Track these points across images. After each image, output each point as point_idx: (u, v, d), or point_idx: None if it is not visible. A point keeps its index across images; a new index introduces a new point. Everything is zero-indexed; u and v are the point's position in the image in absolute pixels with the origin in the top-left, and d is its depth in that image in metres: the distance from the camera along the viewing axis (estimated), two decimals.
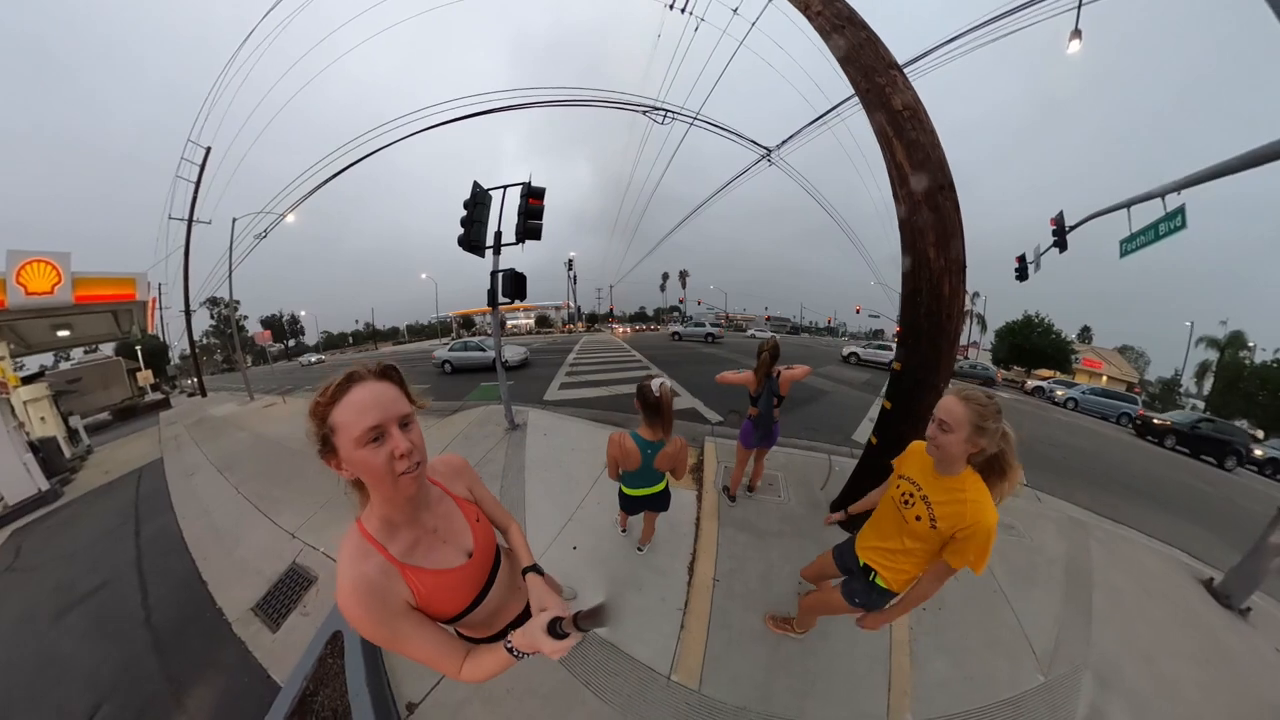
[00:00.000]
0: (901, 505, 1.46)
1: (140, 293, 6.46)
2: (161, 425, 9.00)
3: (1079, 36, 6.57)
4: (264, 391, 13.03)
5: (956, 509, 1.30)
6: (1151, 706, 2.05)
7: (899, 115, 2.63)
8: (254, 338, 11.92)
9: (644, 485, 2.20)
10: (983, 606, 2.55)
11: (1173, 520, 5.01)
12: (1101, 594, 2.80)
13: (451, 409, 6.94)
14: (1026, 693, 2.05)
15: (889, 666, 2.09)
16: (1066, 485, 5.37)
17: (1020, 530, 3.47)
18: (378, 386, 0.80)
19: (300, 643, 2.17)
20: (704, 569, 2.65)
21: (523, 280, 5.03)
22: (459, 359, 12.75)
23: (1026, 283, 8.96)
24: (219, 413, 9.42)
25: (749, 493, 3.56)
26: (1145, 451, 10.49)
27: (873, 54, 2.78)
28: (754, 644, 2.17)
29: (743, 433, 3.14)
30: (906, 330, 2.82)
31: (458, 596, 0.92)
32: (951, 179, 2.63)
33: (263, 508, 3.91)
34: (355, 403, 0.76)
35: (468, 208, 4.89)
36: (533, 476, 3.91)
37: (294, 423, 7.39)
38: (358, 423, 0.75)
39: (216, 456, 5.72)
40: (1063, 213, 7.95)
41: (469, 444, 4.91)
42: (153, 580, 3.12)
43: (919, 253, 2.64)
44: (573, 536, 2.98)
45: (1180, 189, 4.65)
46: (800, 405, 7.91)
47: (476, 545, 0.99)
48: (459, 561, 0.94)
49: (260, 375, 21.14)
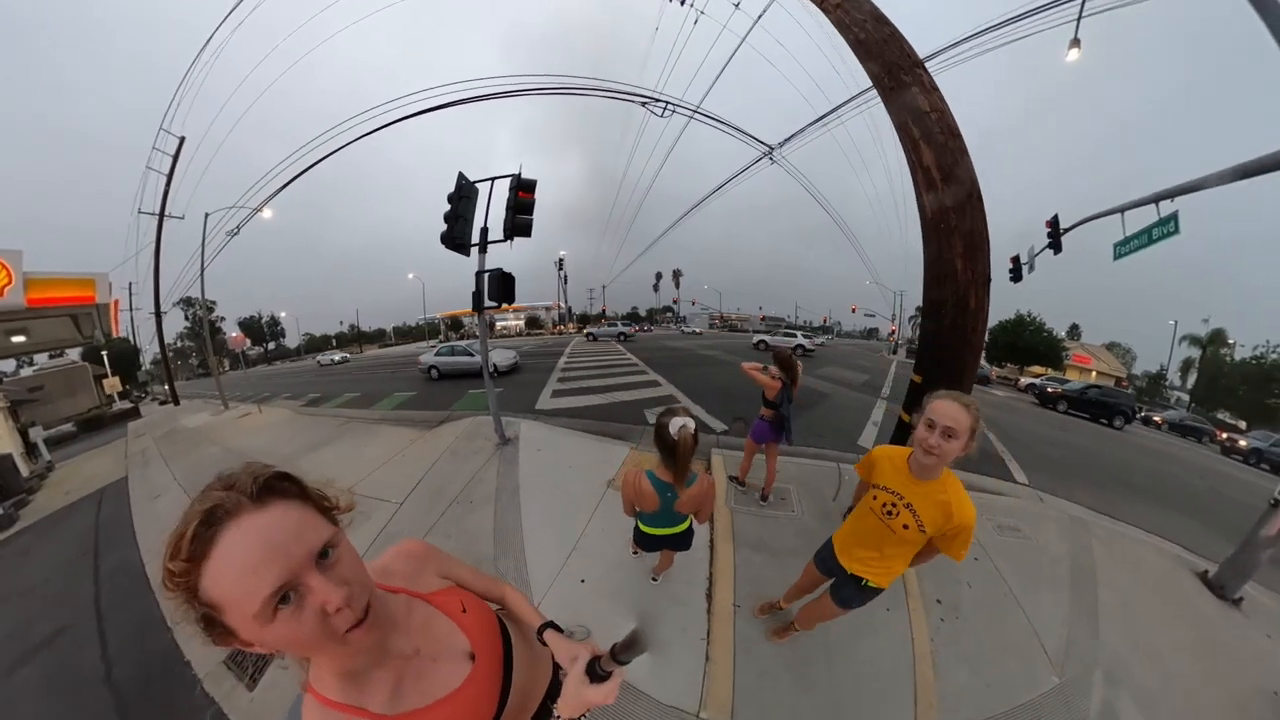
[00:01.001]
0: (884, 516, 1.49)
1: (101, 295, 6.13)
2: (129, 438, 8.64)
3: (1078, 45, 6.73)
4: (240, 400, 12.65)
5: (941, 510, 1.38)
6: (1157, 700, 2.13)
7: (926, 117, 2.53)
8: (228, 341, 11.51)
9: (664, 525, 2.07)
10: (995, 611, 2.60)
11: (1167, 514, 5.24)
12: (1106, 591, 2.87)
13: (438, 419, 6.76)
14: (1043, 695, 2.10)
15: (914, 679, 2.11)
16: (1067, 484, 5.50)
17: (1026, 533, 3.51)
18: (262, 520, 0.52)
19: (282, 701, 2.03)
20: (723, 595, 2.58)
21: (511, 281, 4.70)
22: (446, 364, 12.48)
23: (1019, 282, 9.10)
24: (191, 424, 9.08)
25: (762, 502, 3.60)
26: (1048, 419, 12.18)
27: (897, 51, 2.67)
28: (781, 669, 2.14)
29: (756, 431, 3.38)
30: (928, 343, 2.79)
31: (480, 709, 0.75)
32: (979, 187, 2.56)
33: None
34: (234, 561, 0.49)
35: (452, 202, 4.63)
36: (529, 500, 3.72)
37: (270, 435, 7.11)
38: (250, 592, 0.49)
39: (185, 475, 5.41)
40: (1058, 215, 8.07)
41: (456, 461, 4.73)
42: (114, 627, 2.85)
43: (946, 263, 2.58)
44: (579, 568, 2.83)
45: (1173, 196, 4.79)
46: (801, 410, 7.82)
47: (474, 640, 0.79)
48: (463, 673, 0.74)
49: (234, 381, 20.53)
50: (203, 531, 0.49)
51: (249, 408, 10.03)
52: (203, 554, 0.49)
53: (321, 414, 8.76)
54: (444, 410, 7.66)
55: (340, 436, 6.34)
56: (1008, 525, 3.56)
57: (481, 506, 3.66)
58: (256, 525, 0.52)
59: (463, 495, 3.87)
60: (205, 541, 0.49)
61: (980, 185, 2.69)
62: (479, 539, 3.21)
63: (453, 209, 4.64)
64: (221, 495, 0.52)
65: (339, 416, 7.93)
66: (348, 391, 11.94)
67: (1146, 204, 5.18)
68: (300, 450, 5.85)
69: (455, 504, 3.74)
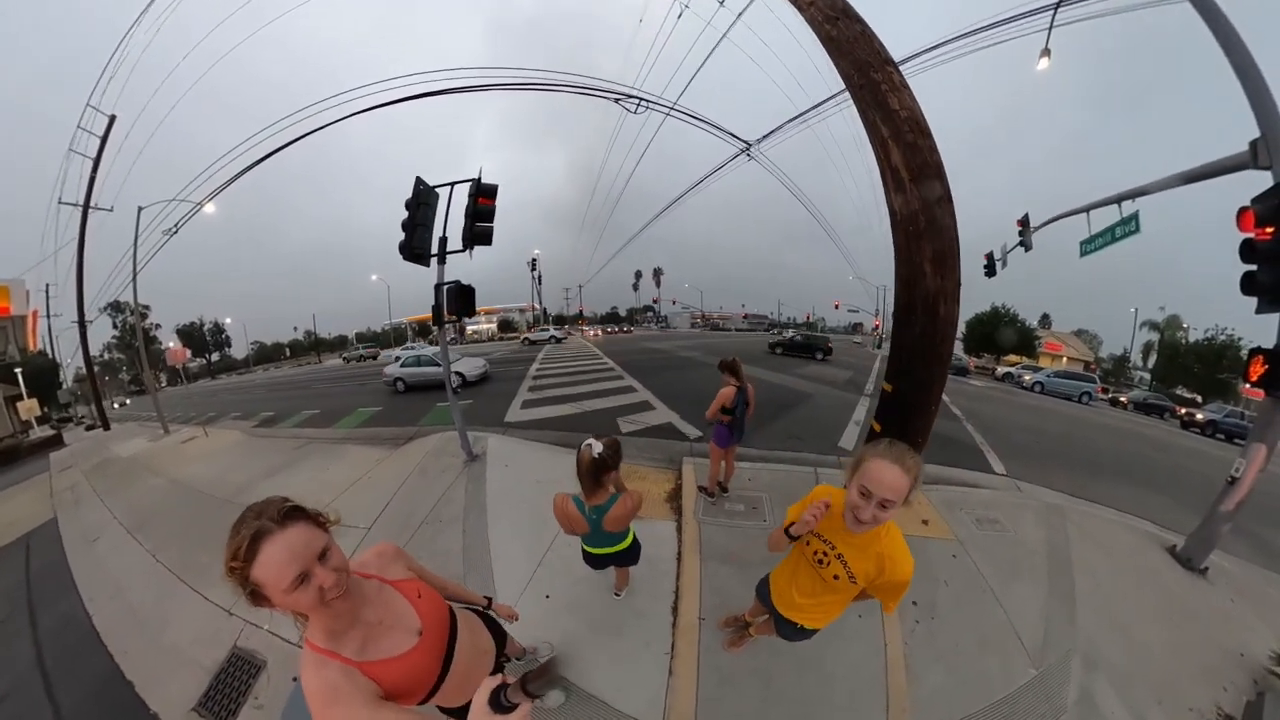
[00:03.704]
0: (816, 565, 1.47)
1: (17, 305, 5.76)
2: (53, 471, 8.11)
3: (1048, 55, 7.19)
4: (181, 421, 12.05)
5: (873, 564, 1.35)
6: (1133, 677, 2.27)
7: (895, 115, 2.56)
8: (165, 354, 10.65)
9: (604, 545, 2.15)
10: (972, 608, 2.69)
11: (1136, 491, 5.63)
12: (1081, 575, 3.04)
13: (406, 436, 6.67)
14: (1020, 688, 2.18)
15: (885, 686, 2.17)
16: (1043, 470, 5.90)
17: (1004, 524, 3.67)
18: (287, 536, 0.86)
19: None
20: (688, 608, 2.64)
21: (471, 294, 4.69)
22: (412, 375, 12.18)
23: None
24: (125, 452, 8.55)
25: (724, 492, 3.85)
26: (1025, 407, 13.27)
27: (867, 49, 2.73)
28: (747, 679, 2.19)
29: (719, 436, 3.60)
30: (898, 350, 2.88)
31: (421, 675, 1.04)
32: (950, 190, 2.59)
33: (189, 579, 3.49)
34: (272, 562, 0.83)
35: (410, 209, 4.52)
36: (496, 517, 3.74)
37: (220, 462, 6.69)
38: (281, 578, 0.84)
39: (125, 512, 5.09)
40: (1028, 215, 8.63)
41: (426, 481, 4.74)
42: (64, 687, 2.71)
43: (915, 268, 2.61)
44: (544, 584, 2.89)
45: (1134, 197, 5.27)
46: (784, 411, 8.01)
47: (424, 620, 1.09)
48: (410, 643, 1.04)
49: (174, 399, 19.29)
50: (252, 545, 0.83)
51: (193, 430, 9.57)
52: (252, 557, 0.83)
53: (277, 435, 8.41)
54: (412, 426, 7.56)
55: (300, 460, 6.13)
56: (987, 518, 3.73)
57: (451, 526, 3.65)
58: (284, 540, 0.85)
59: (432, 515, 3.85)
60: (251, 550, 0.83)
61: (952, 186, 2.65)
62: (450, 559, 3.22)
63: (411, 217, 4.52)
64: (259, 523, 0.85)
65: (297, 438, 7.65)
66: (305, 409, 11.44)
67: (1110, 204, 5.65)
68: (255, 477, 5.58)
69: (425, 525, 3.73)
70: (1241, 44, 3.16)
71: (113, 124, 11.79)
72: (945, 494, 4.21)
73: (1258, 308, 3.05)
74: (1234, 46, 3.15)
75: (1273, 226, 2.93)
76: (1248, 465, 3.18)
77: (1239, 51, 3.14)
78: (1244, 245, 3.08)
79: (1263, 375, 3.05)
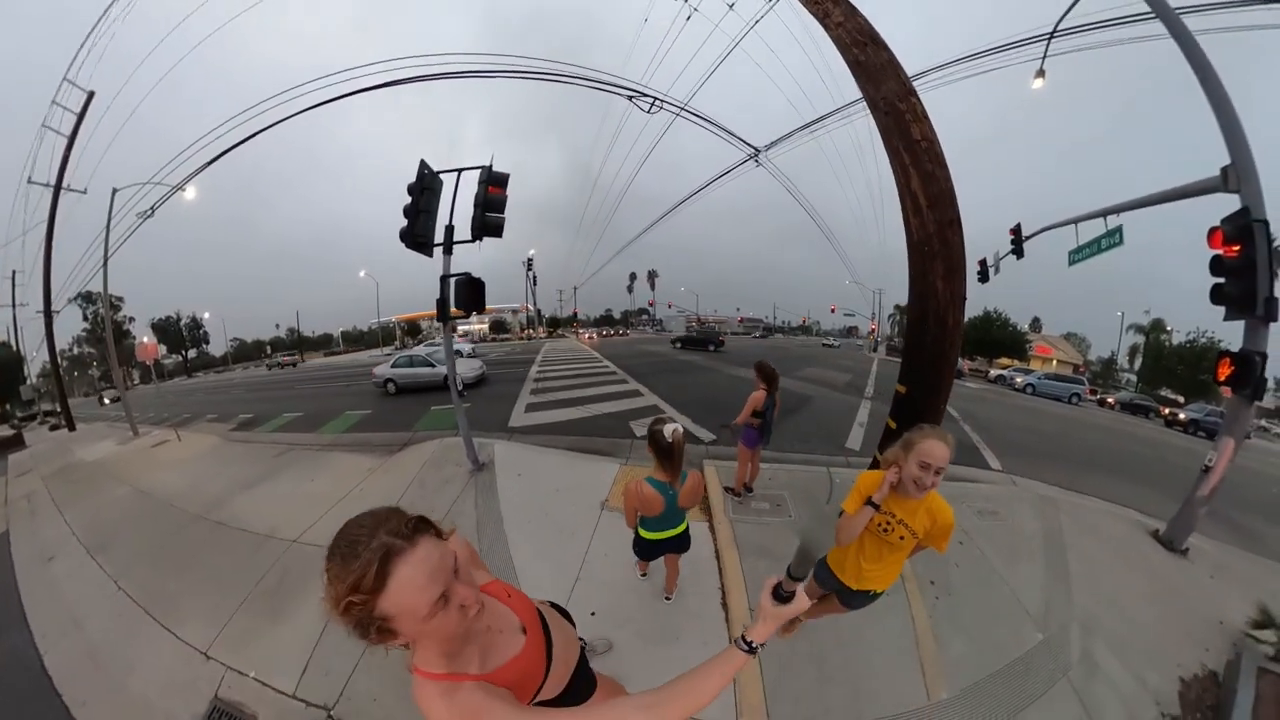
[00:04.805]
0: (881, 533, 1.79)
1: None
2: (9, 476, 7.53)
3: (1043, 75, 7.80)
4: (152, 423, 11.41)
5: (927, 517, 1.75)
6: (1126, 642, 2.63)
7: (917, 145, 2.83)
8: (136, 350, 9.97)
9: (666, 528, 2.30)
10: (983, 586, 3.05)
11: (1122, 483, 6.17)
12: (1075, 558, 3.41)
13: (400, 442, 6.30)
14: (1031, 650, 2.53)
15: (918, 653, 2.46)
16: (1036, 466, 6.34)
17: (1003, 515, 4.02)
18: (422, 552, 0.74)
19: None
20: (737, 602, 2.74)
21: (481, 287, 4.41)
22: (404, 377, 11.80)
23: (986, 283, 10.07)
24: (91, 456, 8.04)
25: (749, 492, 3.98)
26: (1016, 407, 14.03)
27: (894, 78, 2.93)
28: (803, 664, 2.36)
29: (748, 437, 3.74)
30: (911, 356, 3.17)
31: (535, 670, 1.01)
32: (959, 214, 2.86)
33: (156, 613, 3.08)
34: (410, 585, 0.71)
35: (413, 194, 4.30)
36: (516, 531, 3.59)
37: (193, 469, 6.17)
38: (421, 603, 0.72)
39: (85, 528, 4.62)
40: (1020, 224, 9.04)
41: (425, 493, 4.39)
42: None
43: (928, 284, 2.90)
44: (586, 600, 2.75)
45: (1118, 211, 5.75)
46: (788, 414, 8.22)
47: (523, 617, 1.06)
48: (520, 642, 1.01)
49: (146, 398, 18.47)
50: (383, 568, 0.69)
51: (165, 433, 9.03)
52: (382, 585, 0.69)
53: (256, 440, 7.98)
54: (406, 431, 7.20)
55: (282, 469, 5.73)
56: (987, 510, 4.06)
57: None
58: (419, 558, 0.73)
59: None
60: (382, 575, 0.69)
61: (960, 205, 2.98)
62: None
63: (414, 202, 4.30)
64: (388, 541, 0.71)
65: (278, 443, 7.23)
66: (287, 411, 10.90)
67: (1096, 217, 6.12)
68: (232, 488, 5.11)
69: None
70: (1218, 81, 3.53)
71: (90, 100, 11.17)
72: (946, 488, 4.39)
73: (1225, 315, 3.49)
74: (1211, 82, 3.53)
75: (1239, 244, 3.32)
76: (1219, 456, 3.60)
77: (1215, 87, 3.52)
78: (1214, 260, 3.49)
79: (1229, 375, 3.45)
